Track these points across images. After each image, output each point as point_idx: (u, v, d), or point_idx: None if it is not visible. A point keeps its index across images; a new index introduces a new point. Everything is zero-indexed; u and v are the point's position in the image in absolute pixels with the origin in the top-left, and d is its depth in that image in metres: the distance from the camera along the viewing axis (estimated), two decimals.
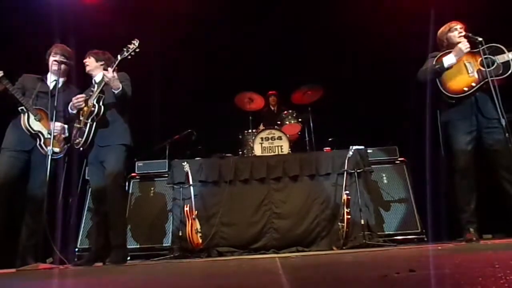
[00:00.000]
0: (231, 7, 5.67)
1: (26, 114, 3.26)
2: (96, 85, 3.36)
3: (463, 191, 3.18)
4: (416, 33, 4.01)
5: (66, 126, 3.41)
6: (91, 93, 3.34)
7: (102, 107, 3.28)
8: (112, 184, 3.17)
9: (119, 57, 3.25)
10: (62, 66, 3.45)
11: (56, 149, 3.30)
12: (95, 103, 3.26)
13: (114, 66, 3.22)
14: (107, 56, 3.49)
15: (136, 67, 3.38)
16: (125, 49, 3.25)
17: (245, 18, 5.79)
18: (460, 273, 1.16)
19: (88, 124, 3.24)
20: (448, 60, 3.24)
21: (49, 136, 3.26)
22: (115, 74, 3.20)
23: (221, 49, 6.08)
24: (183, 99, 6.03)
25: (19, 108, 3.25)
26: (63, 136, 3.39)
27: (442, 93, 3.26)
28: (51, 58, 3.44)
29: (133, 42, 3.26)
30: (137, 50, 3.26)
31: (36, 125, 3.27)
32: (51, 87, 3.41)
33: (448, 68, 3.24)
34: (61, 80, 3.50)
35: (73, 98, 3.28)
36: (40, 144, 3.25)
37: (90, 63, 3.48)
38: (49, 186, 3.07)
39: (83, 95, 3.30)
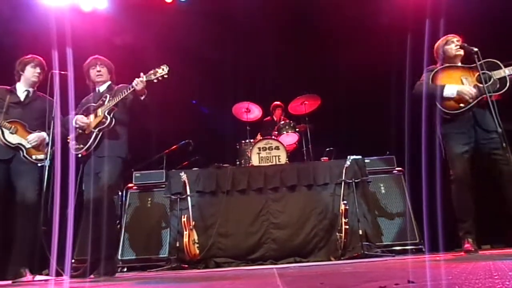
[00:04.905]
0: (229, 19, 5.72)
1: (0, 130, 3.22)
2: (108, 95, 3.31)
3: (461, 201, 3.16)
4: (413, 44, 4.05)
5: (44, 134, 3.32)
6: (94, 103, 3.30)
7: (114, 120, 3.24)
8: (105, 196, 3.13)
9: (144, 77, 3.11)
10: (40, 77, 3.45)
11: (41, 156, 3.25)
12: (106, 114, 3.21)
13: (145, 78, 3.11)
14: (113, 66, 3.52)
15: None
16: (152, 72, 3.09)
17: (242, 30, 5.84)
18: (459, 284, 1.15)
19: (94, 133, 3.21)
20: (448, 91, 3.20)
21: (30, 145, 3.24)
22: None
23: (218, 59, 6.11)
24: (180, 109, 6.05)
25: None
26: (45, 143, 3.31)
27: (439, 109, 3.24)
28: (32, 70, 3.39)
29: (162, 67, 3.06)
30: (166, 76, 3.07)
31: (13, 138, 3.22)
32: (22, 98, 3.40)
33: (444, 98, 3.21)
34: (31, 90, 3.46)
35: (79, 117, 3.27)
36: (24, 156, 3.21)
37: (104, 73, 3.46)
38: (42, 194, 3.03)
39: (87, 121, 3.27)
